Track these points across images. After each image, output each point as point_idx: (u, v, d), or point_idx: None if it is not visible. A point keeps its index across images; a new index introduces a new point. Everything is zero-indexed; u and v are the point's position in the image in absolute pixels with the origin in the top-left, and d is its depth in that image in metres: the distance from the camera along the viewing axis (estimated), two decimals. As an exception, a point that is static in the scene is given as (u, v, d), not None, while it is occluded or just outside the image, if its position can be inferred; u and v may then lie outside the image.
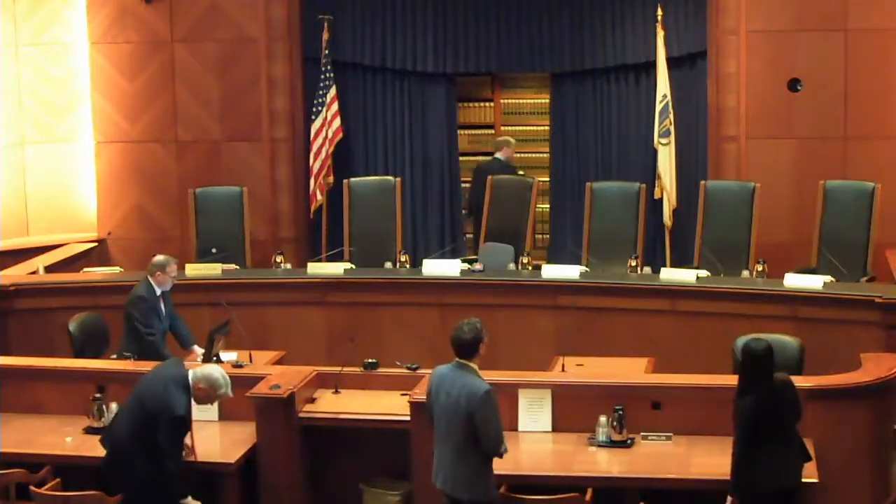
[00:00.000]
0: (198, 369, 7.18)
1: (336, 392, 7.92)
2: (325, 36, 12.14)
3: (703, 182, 11.07)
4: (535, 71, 12.48)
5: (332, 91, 12.12)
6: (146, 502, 6.91)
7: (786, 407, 6.59)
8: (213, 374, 7.12)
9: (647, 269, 10.26)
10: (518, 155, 12.63)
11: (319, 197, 12.14)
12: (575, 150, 12.33)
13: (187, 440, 7.21)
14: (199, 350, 8.92)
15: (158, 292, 8.97)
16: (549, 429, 7.50)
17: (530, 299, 9.94)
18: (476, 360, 6.53)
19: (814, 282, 9.40)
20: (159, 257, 9.13)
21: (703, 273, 9.89)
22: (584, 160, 12.29)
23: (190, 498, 7.00)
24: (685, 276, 9.80)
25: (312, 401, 7.76)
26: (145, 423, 6.91)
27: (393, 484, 7.57)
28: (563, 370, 8.29)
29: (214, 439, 7.61)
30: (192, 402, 7.11)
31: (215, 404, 7.69)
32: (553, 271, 10.11)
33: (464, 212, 12.46)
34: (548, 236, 12.53)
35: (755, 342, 6.69)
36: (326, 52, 12.14)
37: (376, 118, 12.58)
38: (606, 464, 7.15)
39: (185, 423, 7.01)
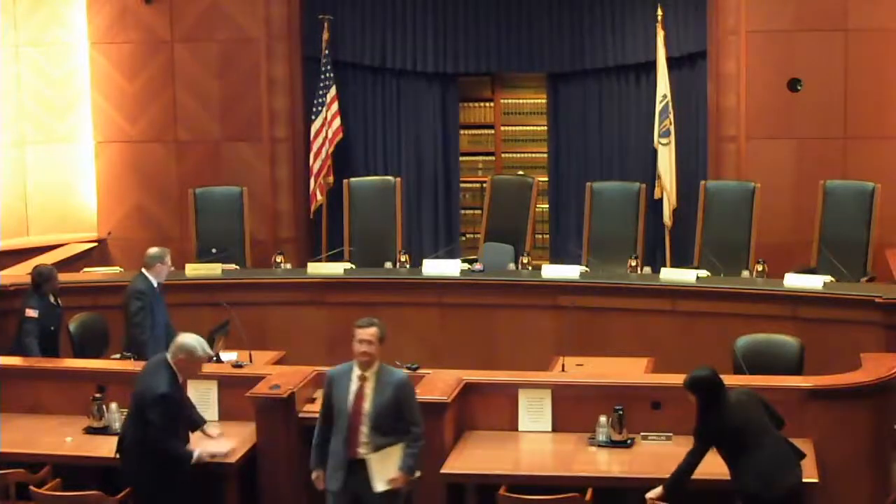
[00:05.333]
0: (171, 345, 7.06)
1: (336, 392, 7.90)
2: (325, 36, 12.14)
3: (703, 182, 11.09)
4: (535, 71, 12.45)
5: (332, 91, 12.12)
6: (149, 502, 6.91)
7: (754, 413, 6.56)
8: (185, 342, 7.00)
9: (647, 269, 10.27)
10: (518, 155, 12.66)
11: (319, 197, 12.13)
12: (575, 150, 12.32)
13: (213, 432, 7.22)
14: None
15: (156, 284, 8.98)
16: (549, 429, 7.50)
17: (530, 299, 9.94)
18: None
19: (814, 282, 9.40)
20: (155, 249, 9.08)
21: (703, 273, 9.89)
22: (584, 160, 12.27)
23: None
24: (685, 276, 9.80)
25: (312, 401, 7.73)
26: (142, 419, 6.88)
27: (393, 484, 7.55)
28: (563, 370, 8.29)
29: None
30: (183, 382, 7.04)
31: (215, 405, 7.71)
32: (553, 271, 10.11)
33: None
34: (548, 236, 12.53)
35: (700, 371, 6.60)
36: (326, 52, 12.13)
37: (376, 118, 12.58)
38: (606, 464, 7.15)
39: (171, 402, 6.89)
